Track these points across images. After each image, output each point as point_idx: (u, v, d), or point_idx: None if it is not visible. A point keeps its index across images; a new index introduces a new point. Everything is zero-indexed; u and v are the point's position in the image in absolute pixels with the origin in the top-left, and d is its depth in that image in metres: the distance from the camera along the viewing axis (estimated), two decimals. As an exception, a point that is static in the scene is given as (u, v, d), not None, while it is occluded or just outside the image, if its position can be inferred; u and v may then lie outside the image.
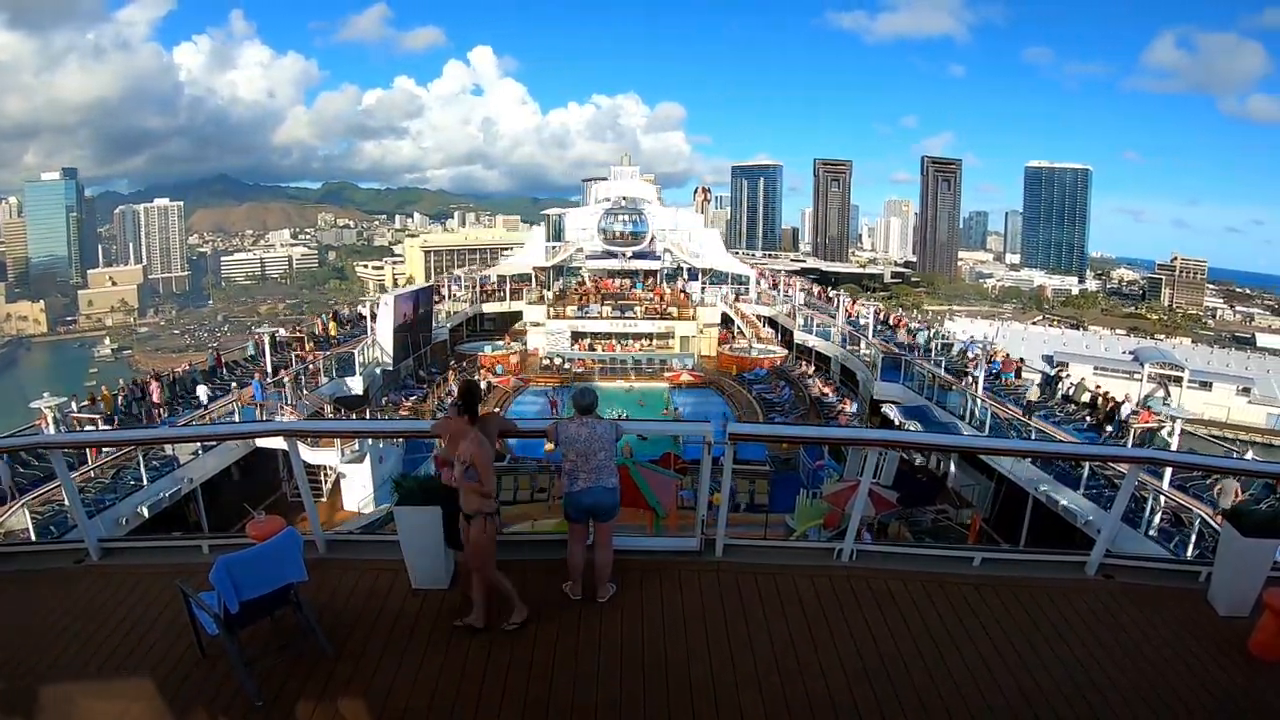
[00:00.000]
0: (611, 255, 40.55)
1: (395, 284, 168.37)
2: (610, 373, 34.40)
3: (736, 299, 40.49)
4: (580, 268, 41.67)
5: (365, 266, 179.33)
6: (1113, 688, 4.16)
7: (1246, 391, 55.39)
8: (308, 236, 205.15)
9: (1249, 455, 14.58)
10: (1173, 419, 15.46)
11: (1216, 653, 4.54)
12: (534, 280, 41.50)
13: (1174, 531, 12.92)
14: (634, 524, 12.82)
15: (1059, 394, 21.37)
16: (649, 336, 37.23)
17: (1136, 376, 49.04)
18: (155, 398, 19.33)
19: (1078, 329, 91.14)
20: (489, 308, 40.41)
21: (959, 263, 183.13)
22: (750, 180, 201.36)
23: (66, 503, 11.12)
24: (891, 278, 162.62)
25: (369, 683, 4.06)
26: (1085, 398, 20.38)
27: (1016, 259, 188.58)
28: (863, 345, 28.11)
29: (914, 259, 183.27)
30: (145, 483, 14.76)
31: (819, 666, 4.26)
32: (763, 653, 4.37)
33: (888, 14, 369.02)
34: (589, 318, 37.09)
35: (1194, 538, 12.19)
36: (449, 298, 37.80)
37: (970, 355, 24.45)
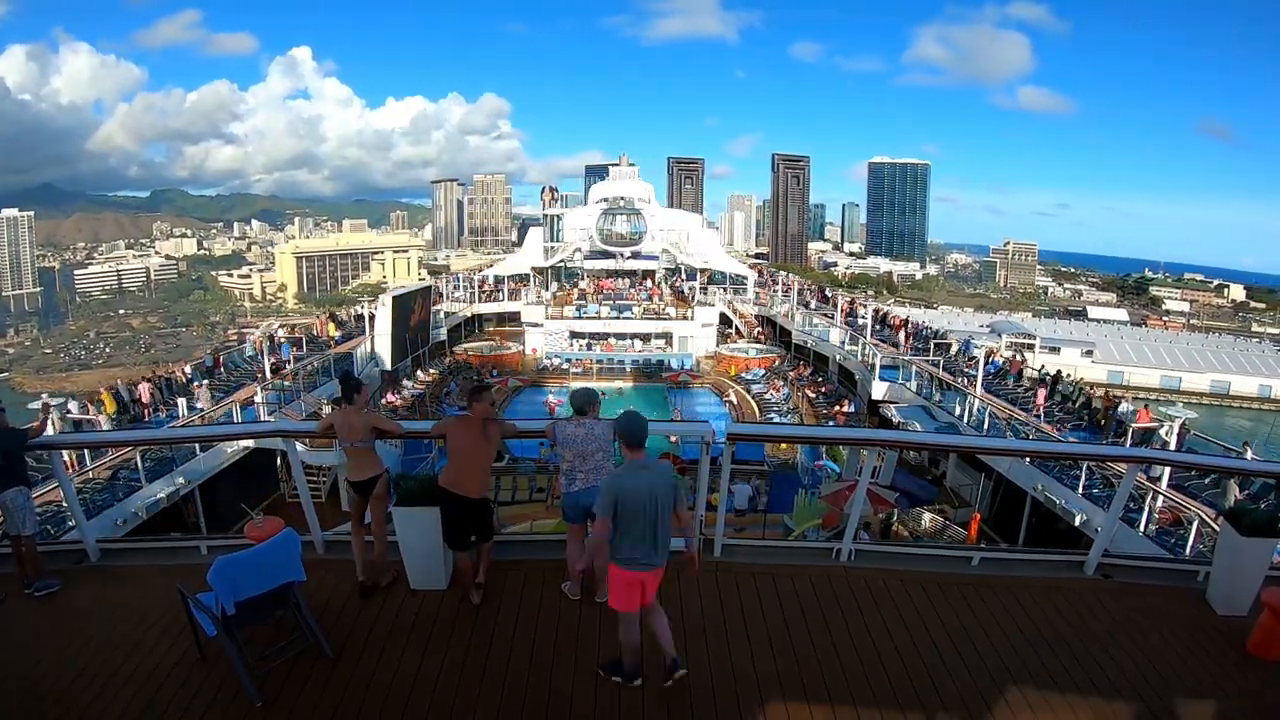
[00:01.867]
0: (609, 255, 40.54)
1: (264, 294, 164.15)
2: (608, 373, 34.42)
3: (734, 299, 40.51)
4: (579, 268, 41.64)
5: (230, 275, 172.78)
6: (1111, 687, 4.17)
7: (1090, 353, 65.19)
8: (145, 247, 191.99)
9: (1249, 455, 14.64)
10: (1171, 418, 15.51)
11: (1215, 652, 4.55)
12: (532, 280, 41.50)
13: (1172, 531, 12.94)
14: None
15: (1058, 394, 21.38)
16: (647, 337, 37.23)
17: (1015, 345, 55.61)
18: (145, 399, 19.29)
19: (933, 309, 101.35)
20: (487, 308, 40.39)
21: (809, 253, 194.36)
22: (604, 179, 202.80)
23: (65, 504, 11.08)
24: (750, 269, 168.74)
25: (368, 683, 4.06)
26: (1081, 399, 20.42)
27: (855, 248, 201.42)
28: (861, 345, 28.12)
29: (764, 250, 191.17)
30: (144, 483, 14.73)
31: (817, 666, 4.26)
32: (761, 652, 4.37)
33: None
34: (587, 318, 37.09)
35: (1192, 537, 12.21)
36: (447, 298, 37.77)
37: (968, 355, 24.49)
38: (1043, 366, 24.63)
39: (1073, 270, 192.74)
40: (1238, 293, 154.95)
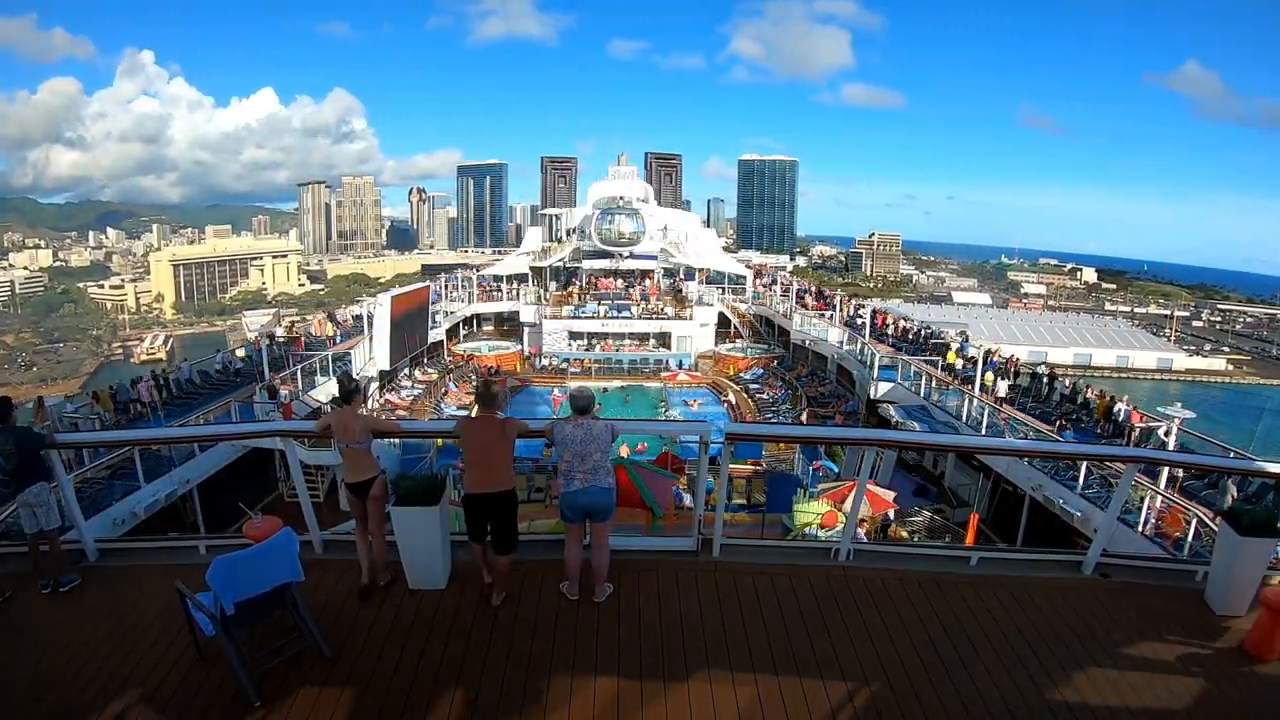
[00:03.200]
0: (608, 255, 40.55)
1: (138, 305, 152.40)
2: (607, 373, 34.44)
3: (733, 298, 40.54)
4: (578, 268, 41.65)
5: (101, 287, 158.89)
6: (1110, 686, 4.17)
7: (964, 335, 68.24)
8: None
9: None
10: (1170, 418, 15.51)
11: (1213, 651, 4.55)
12: (531, 280, 41.50)
13: (1168, 533, 12.95)
14: (631, 524, 12.82)
15: (1057, 393, 21.41)
16: (645, 336, 37.25)
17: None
18: (145, 398, 19.29)
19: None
20: (486, 307, 40.39)
21: None
22: (477, 179, 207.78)
23: (63, 503, 11.07)
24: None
25: (366, 683, 4.05)
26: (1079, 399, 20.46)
27: (723, 242, 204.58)
28: (859, 344, 28.15)
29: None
30: (142, 483, 14.71)
31: (816, 666, 4.26)
32: (760, 652, 4.37)
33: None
34: (586, 318, 37.09)
35: (1190, 537, 12.22)
36: (446, 297, 37.78)
37: (967, 355, 24.50)
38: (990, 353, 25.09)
39: (933, 259, 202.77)
40: (1090, 275, 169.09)
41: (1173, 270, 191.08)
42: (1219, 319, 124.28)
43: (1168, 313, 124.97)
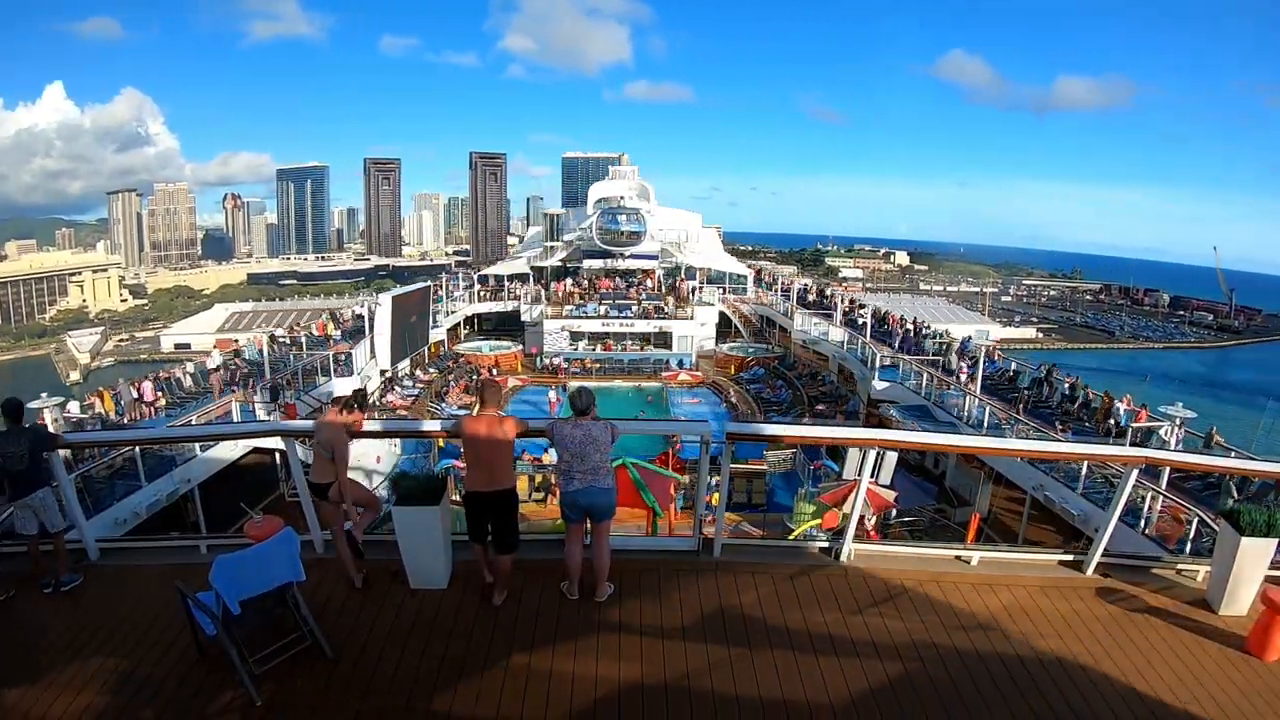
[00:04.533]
0: (609, 255, 40.55)
1: None
2: (607, 372, 34.43)
3: (734, 298, 40.52)
4: (578, 267, 41.65)
5: None
6: (1110, 685, 4.18)
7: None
8: None
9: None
10: (1171, 418, 15.50)
11: (1214, 651, 4.56)
12: (531, 280, 41.49)
13: (1168, 533, 12.93)
14: (632, 524, 12.84)
15: (1057, 393, 21.39)
16: (646, 336, 37.24)
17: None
18: (149, 397, 19.31)
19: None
20: (486, 307, 40.39)
21: (508, 247, 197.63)
22: (297, 182, 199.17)
23: (64, 503, 11.09)
24: (456, 266, 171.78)
25: (367, 683, 4.06)
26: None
27: (536, 230, 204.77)
28: (860, 344, 28.14)
29: (466, 248, 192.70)
30: (144, 483, 14.72)
31: (817, 665, 4.26)
32: (761, 652, 4.37)
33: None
34: (586, 317, 37.09)
35: (1190, 537, 12.21)
36: (447, 297, 37.78)
37: (968, 355, 24.49)
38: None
39: (753, 248, 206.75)
40: (903, 258, 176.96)
41: (983, 251, 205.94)
42: (1024, 293, 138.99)
43: (978, 290, 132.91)
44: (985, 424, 18.84)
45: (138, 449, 14.64)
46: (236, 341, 32.62)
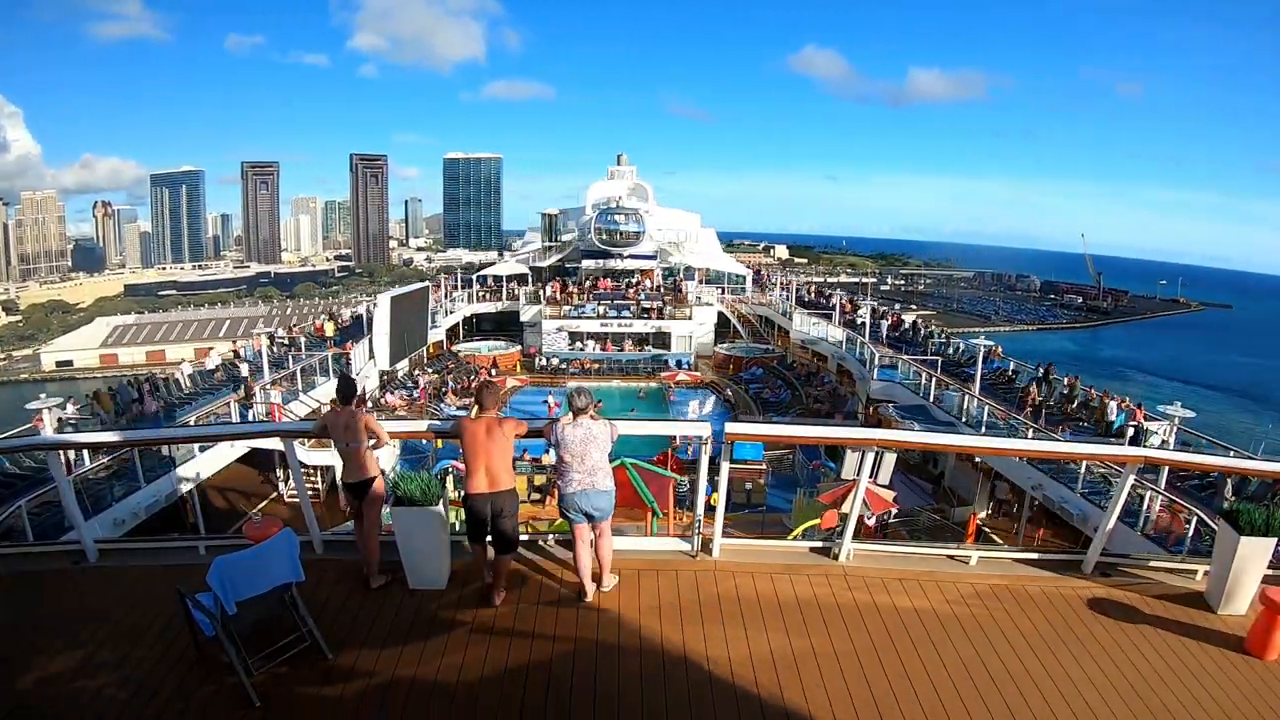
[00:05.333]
0: (608, 255, 40.52)
1: None
2: (606, 373, 34.42)
3: (733, 298, 40.51)
4: (577, 267, 41.63)
5: None
6: (1110, 685, 4.18)
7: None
8: None
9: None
10: (1170, 418, 15.51)
11: (1213, 650, 4.56)
12: (530, 280, 41.46)
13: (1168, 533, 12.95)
14: (631, 524, 12.83)
15: (1056, 393, 21.39)
16: (645, 336, 37.23)
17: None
18: (148, 398, 19.28)
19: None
20: (485, 308, 40.36)
21: (390, 251, 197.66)
22: (171, 188, 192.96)
23: (64, 504, 11.07)
24: (339, 272, 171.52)
25: (366, 683, 4.05)
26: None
27: (421, 241, 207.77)
28: (859, 344, 28.14)
29: (346, 251, 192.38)
30: (142, 483, 14.71)
31: (816, 666, 4.26)
32: (760, 652, 4.37)
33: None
34: (585, 317, 37.07)
35: (1190, 536, 12.22)
36: (446, 297, 37.75)
37: (968, 355, 24.49)
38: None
39: None
40: (782, 252, 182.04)
41: (865, 244, 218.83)
42: (902, 282, 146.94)
43: (858, 280, 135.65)
44: (984, 424, 18.86)
45: (136, 450, 14.64)
46: (117, 357, 31.63)
